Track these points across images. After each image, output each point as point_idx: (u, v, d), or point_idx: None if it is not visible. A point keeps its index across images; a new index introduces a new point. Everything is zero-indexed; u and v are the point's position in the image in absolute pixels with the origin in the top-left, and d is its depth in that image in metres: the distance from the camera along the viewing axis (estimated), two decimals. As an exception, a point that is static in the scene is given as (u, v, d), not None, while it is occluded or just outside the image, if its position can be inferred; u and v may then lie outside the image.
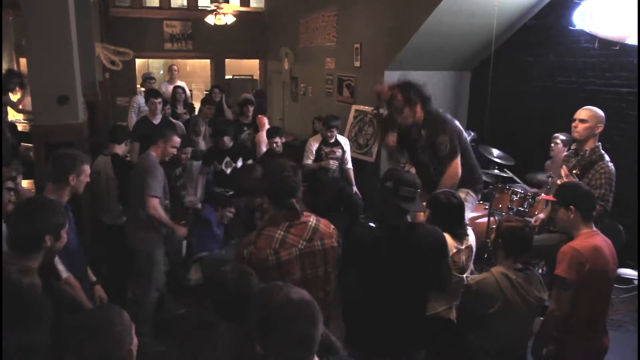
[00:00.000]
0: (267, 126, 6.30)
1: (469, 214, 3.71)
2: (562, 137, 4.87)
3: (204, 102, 7.10)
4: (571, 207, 2.73)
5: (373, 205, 2.74)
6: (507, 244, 2.70)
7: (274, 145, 5.36)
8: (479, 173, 3.91)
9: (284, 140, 5.59)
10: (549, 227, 3.99)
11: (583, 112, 3.76)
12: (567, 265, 2.61)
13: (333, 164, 5.54)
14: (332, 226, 2.54)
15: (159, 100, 5.72)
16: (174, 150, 4.04)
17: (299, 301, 1.50)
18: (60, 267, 2.70)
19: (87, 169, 3.01)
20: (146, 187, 3.74)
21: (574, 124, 3.75)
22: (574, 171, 3.68)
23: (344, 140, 5.73)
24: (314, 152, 5.55)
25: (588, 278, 2.61)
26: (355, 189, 5.60)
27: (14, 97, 6.78)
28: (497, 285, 2.63)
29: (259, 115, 6.52)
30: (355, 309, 2.67)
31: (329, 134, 5.55)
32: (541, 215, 4.15)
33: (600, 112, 3.73)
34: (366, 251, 2.53)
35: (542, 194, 4.12)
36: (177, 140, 4.02)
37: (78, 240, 3.08)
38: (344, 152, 5.63)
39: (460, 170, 3.55)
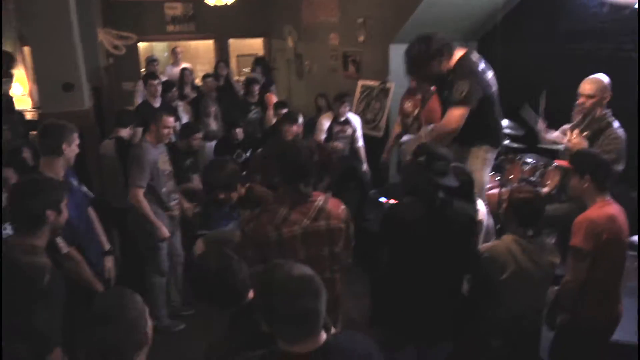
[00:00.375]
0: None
1: (488, 173, 3.70)
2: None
3: (205, 76, 7.03)
4: (586, 175, 2.70)
5: (403, 181, 2.78)
6: (519, 214, 2.68)
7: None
8: (501, 128, 3.76)
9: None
10: (559, 196, 3.96)
11: (588, 87, 3.65)
12: (583, 236, 2.59)
13: (338, 145, 5.48)
14: (342, 206, 2.52)
15: (157, 81, 5.72)
16: (169, 131, 3.92)
17: (300, 276, 1.53)
18: (61, 242, 2.74)
19: (76, 137, 3.08)
20: (129, 176, 3.74)
21: (579, 101, 3.66)
22: (584, 133, 3.61)
23: (354, 118, 5.69)
24: (325, 131, 5.51)
25: (604, 248, 2.60)
26: (365, 166, 5.58)
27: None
28: (509, 252, 2.63)
29: (267, 94, 6.50)
30: (385, 287, 2.68)
31: (341, 110, 5.48)
32: (546, 189, 4.10)
33: (605, 80, 3.65)
34: (401, 227, 2.51)
35: (556, 161, 4.05)
36: (168, 120, 3.89)
37: (79, 213, 3.11)
38: (354, 130, 5.59)
39: (460, 124, 3.33)
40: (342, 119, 5.55)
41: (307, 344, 1.53)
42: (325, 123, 5.55)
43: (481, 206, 3.05)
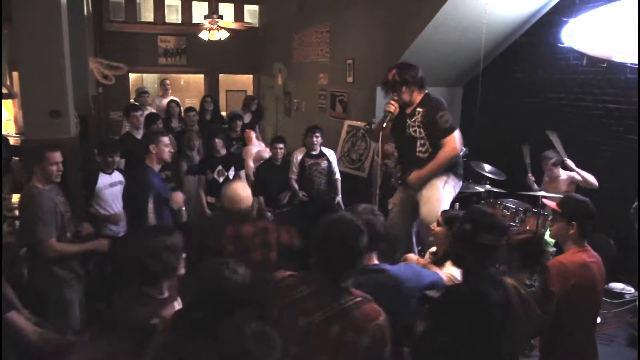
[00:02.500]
0: (254, 140, 6.33)
1: (449, 194, 3.84)
2: (551, 160, 4.89)
3: (186, 110, 7.00)
4: (573, 222, 2.68)
5: (453, 253, 2.46)
6: (523, 256, 2.59)
7: (277, 150, 5.41)
8: (461, 160, 4.03)
9: (284, 151, 5.56)
10: None
11: None
12: (552, 278, 2.59)
13: (303, 196, 5.44)
14: (377, 321, 1.91)
15: (140, 113, 5.72)
16: (58, 167, 3.44)
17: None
18: None
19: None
20: (31, 230, 3.35)
21: None
22: None
23: (329, 152, 5.65)
24: (297, 165, 5.47)
25: (573, 294, 2.59)
26: (339, 198, 5.59)
27: None
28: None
29: (247, 130, 6.54)
30: None
31: (313, 140, 5.45)
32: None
33: None
34: (453, 312, 2.04)
35: (543, 199, 4.08)
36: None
37: None
38: (329, 163, 5.57)
39: (461, 146, 3.79)
40: (315, 152, 5.51)
41: None
42: (298, 157, 5.52)
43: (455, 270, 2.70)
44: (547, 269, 2.58)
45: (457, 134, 3.75)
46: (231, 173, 5.33)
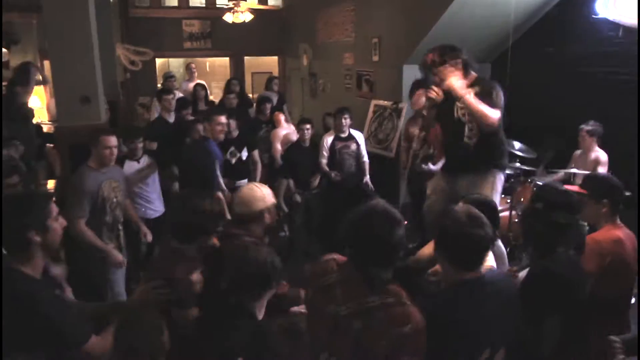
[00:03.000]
0: (283, 123, 6.33)
1: (498, 198, 3.63)
2: (587, 128, 4.77)
3: (226, 91, 7.15)
4: (604, 200, 2.64)
5: (524, 233, 2.39)
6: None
7: (304, 132, 5.47)
8: (506, 151, 3.81)
9: (312, 132, 5.61)
10: None
11: None
12: (587, 256, 2.53)
13: (336, 176, 5.45)
14: (404, 329, 1.74)
15: (171, 96, 5.76)
16: (111, 152, 3.55)
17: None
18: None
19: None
20: (66, 206, 3.41)
21: None
22: None
23: (357, 134, 5.71)
24: (328, 149, 5.52)
25: (609, 271, 2.55)
26: (367, 178, 5.58)
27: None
28: None
29: (276, 112, 6.55)
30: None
31: (342, 122, 5.48)
32: None
33: None
34: (545, 289, 2.08)
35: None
36: (109, 139, 3.56)
37: None
38: (358, 145, 5.61)
39: (499, 120, 3.41)
40: (344, 135, 5.55)
41: None
42: (328, 140, 5.55)
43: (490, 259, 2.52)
44: (582, 248, 2.51)
45: (499, 113, 3.42)
46: (244, 154, 5.37)
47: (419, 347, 1.77)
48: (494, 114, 3.38)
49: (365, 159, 5.67)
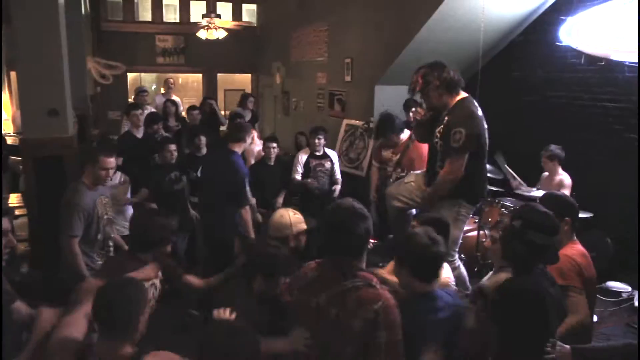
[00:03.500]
0: (256, 139, 6.32)
1: (460, 226, 3.57)
2: (546, 153, 4.89)
3: (189, 108, 7.11)
4: (566, 218, 2.67)
5: (503, 249, 2.33)
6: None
7: (270, 150, 5.45)
8: (484, 185, 3.66)
9: (277, 150, 5.60)
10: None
11: None
12: (571, 273, 2.55)
13: (313, 182, 5.55)
14: (375, 306, 1.91)
15: (140, 112, 5.71)
16: (107, 173, 3.50)
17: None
18: None
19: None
20: (62, 223, 3.41)
21: None
22: None
23: (332, 153, 5.79)
24: (302, 166, 5.58)
25: (588, 283, 2.60)
26: (336, 196, 5.62)
27: None
28: None
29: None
30: None
31: (315, 142, 5.57)
32: None
33: None
34: (508, 305, 2.00)
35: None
36: (107, 160, 3.46)
37: None
38: (332, 164, 5.67)
39: (462, 171, 3.32)
40: (319, 153, 5.63)
41: None
42: (302, 158, 5.62)
43: (447, 272, 2.80)
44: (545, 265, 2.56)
45: (463, 159, 3.32)
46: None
47: (393, 322, 1.94)
48: (448, 169, 3.34)
49: (338, 175, 5.74)
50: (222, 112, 8.64)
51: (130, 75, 11.30)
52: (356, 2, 6.93)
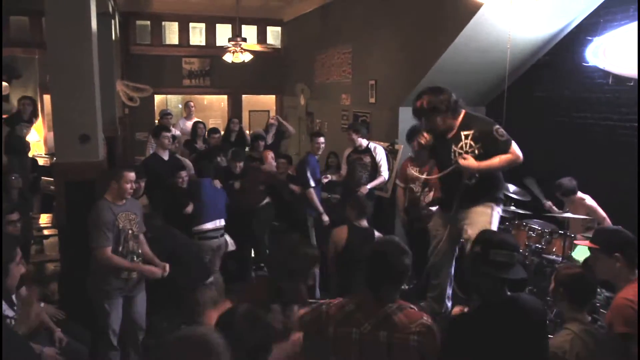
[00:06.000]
0: (270, 160, 6.43)
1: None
2: (558, 194, 4.96)
3: (210, 132, 7.20)
4: (616, 254, 2.48)
5: (470, 278, 2.39)
6: (572, 293, 2.47)
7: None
8: (503, 183, 3.86)
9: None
10: None
11: None
12: (624, 319, 2.33)
13: (325, 178, 5.89)
14: (420, 320, 2.13)
15: (170, 134, 5.81)
16: (131, 186, 3.77)
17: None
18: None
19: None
20: (89, 237, 3.65)
21: None
22: None
23: (375, 147, 5.88)
24: (345, 159, 5.92)
25: None
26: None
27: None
28: (584, 345, 2.37)
29: (265, 151, 6.66)
30: None
31: (352, 138, 5.78)
32: None
33: None
34: (464, 335, 2.22)
35: (579, 236, 3.86)
36: (129, 175, 3.75)
37: None
38: (373, 159, 5.78)
39: (521, 155, 3.56)
40: (360, 147, 5.82)
41: None
42: (346, 152, 5.98)
43: None
44: (596, 308, 2.47)
45: (515, 145, 3.58)
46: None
47: (438, 334, 2.13)
48: (513, 155, 3.53)
49: (383, 174, 5.86)
50: (247, 132, 8.78)
51: (157, 97, 11.53)
52: (380, 24, 6.99)
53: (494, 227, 3.62)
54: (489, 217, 3.60)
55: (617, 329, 2.34)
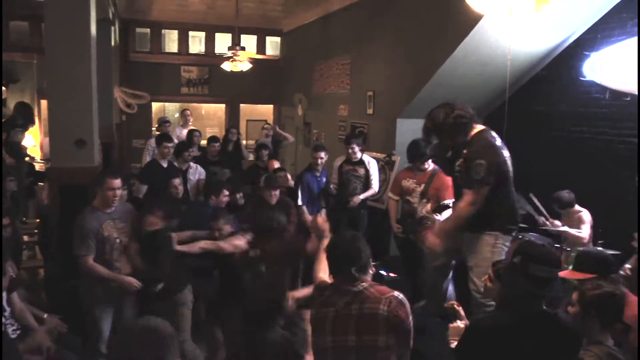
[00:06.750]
0: (285, 176, 6.41)
1: (497, 257, 3.46)
2: (556, 207, 4.93)
3: (209, 140, 7.04)
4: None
5: (503, 286, 2.34)
6: (603, 315, 2.30)
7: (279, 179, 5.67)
8: (515, 212, 3.59)
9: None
10: None
11: None
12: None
13: (354, 202, 5.75)
14: (390, 294, 2.28)
15: (172, 144, 5.80)
16: (114, 193, 3.69)
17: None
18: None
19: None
20: (73, 246, 3.66)
21: None
22: None
23: (369, 160, 5.88)
24: (336, 170, 5.86)
25: None
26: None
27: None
28: None
29: (271, 160, 6.66)
30: None
31: (349, 151, 5.77)
32: (628, 265, 3.71)
33: None
34: (486, 341, 2.16)
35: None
36: (113, 182, 3.67)
37: None
38: (367, 171, 5.78)
39: (482, 203, 3.33)
40: (355, 159, 5.80)
41: None
42: (337, 163, 5.93)
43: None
44: (629, 328, 2.35)
45: (481, 191, 3.33)
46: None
47: (409, 313, 2.27)
48: (460, 208, 3.44)
49: (374, 186, 5.89)
50: (244, 142, 8.76)
51: (155, 105, 11.53)
52: (379, 35, 7.02)
53: (496, 259, 3.41)
54: (490, 248, 3.45)
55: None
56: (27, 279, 5.49)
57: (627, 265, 3.82)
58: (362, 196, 5.81)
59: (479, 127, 3.53)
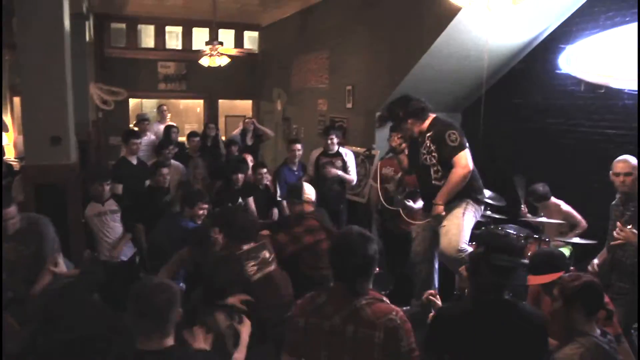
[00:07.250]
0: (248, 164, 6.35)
1: (466, 223, 3.71)
2: (532, 200, 4.98)
3: (189, 135, 6.99)
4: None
5: (469, 275, 2.34)
6: (587, 304, 2.30)
7: (262, 177, 5.62)
8: (480, 183, 3.92)
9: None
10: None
11: (625, 165, 3.61)
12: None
13: (330, 170, 5.68)
14: (389, 315, 2.08)
15: (139, 140, 5.73)
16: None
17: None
18: None
19: None
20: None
21: (619, 179, 3.61)
22: (629, 226, 3.45)
23: (346, 152, 5.87)
24: (313, 163, 5.80)
25: None
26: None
27: None
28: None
29: (244, 154, 6.60)
30: None
31: (328, 142, 5.74)
32: (596, 261, 3.90)
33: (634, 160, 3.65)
34: (449, 329, 2.20)
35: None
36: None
37: None
38: (344, 162, 5.76)
39: (471, 164, 3.67)
40: (332, 151, 5.77)
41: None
42: (314, 155, 5.85)
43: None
44: (612, 313, 2.39)
45: (467, 152, 3.69)
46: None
47: (411, 331, 2.09)
48: (459, 167, 3.63)
49: (351, 177, 5.86)
50: (223, 137, 8.69)
51: (132, 101, 11.37)
52: (357, 29, 7.01)
53: (467, 218, 3.71)
54: (461, 210, 3.70)
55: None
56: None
57: (595, 261, 3.94)
58: (339, 172, 5.73)
59: (432, 115, 3.89)
